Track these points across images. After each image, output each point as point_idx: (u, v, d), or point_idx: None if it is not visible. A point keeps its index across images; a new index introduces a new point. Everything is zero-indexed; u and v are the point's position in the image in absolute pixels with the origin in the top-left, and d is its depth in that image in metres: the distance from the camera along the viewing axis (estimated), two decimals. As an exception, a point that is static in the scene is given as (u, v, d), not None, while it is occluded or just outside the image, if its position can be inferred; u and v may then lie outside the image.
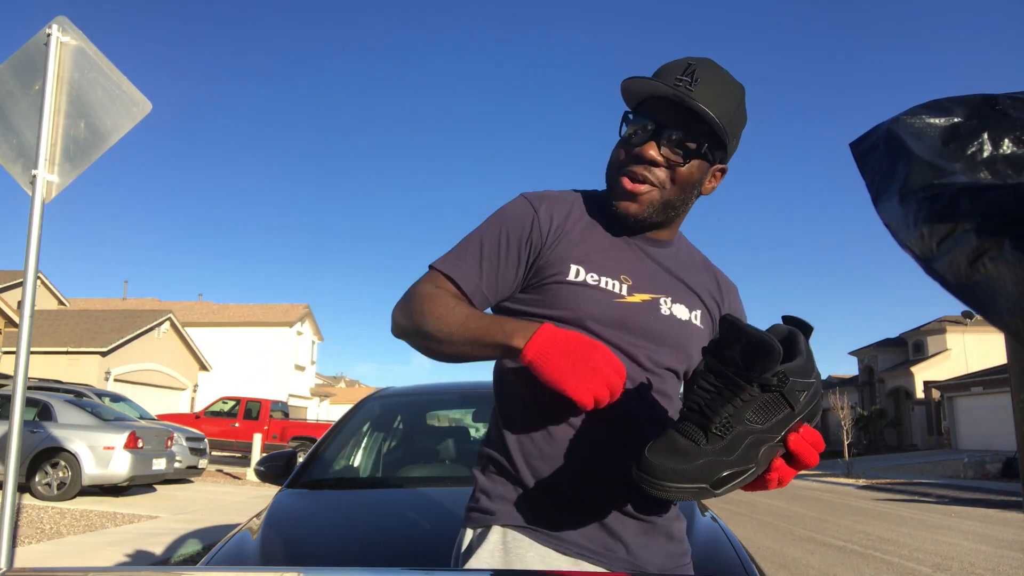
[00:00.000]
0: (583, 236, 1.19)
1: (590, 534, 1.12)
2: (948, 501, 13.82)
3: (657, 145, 1.13)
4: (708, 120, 1.10)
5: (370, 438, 3.30)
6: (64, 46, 3.21)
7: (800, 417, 0.90)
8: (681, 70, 1.11)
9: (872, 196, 0.45)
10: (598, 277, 1.15)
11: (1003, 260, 0.33)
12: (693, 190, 1.19)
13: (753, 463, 0.89)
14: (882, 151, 0.42)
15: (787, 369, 0.86)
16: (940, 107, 0.38)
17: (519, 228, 1.19)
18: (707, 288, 1.27)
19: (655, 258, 1.22)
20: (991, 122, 0.35)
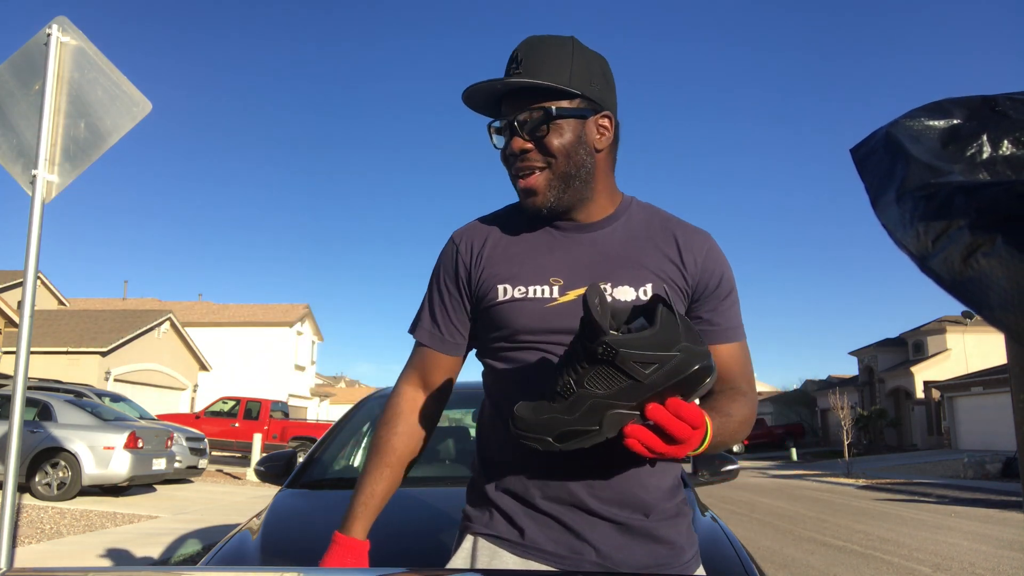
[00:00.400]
0: (507, 253, 1.22)
1: (557, 538, 1.12)
2: (948, 501, 13.82)
3: (519, 137, 1.16)
4: (540, 87, 1.13)
5: (370, 438, 3.30)
6: (64, 46, 3.21)
7: (659, 389, 0.90)
8: (510, 62, 1.17)
9: (871, 198, 0.45)
10: (525, 289, 1.18)
11: (996, 256, 0.33)
12: (577, 151, 1.16)
13: (596, 426, 0.93)
14: (881, 154, 0.42)
15: (612, 341, 0.88)
16: (940, 109, 0.38)
17: (450, 268, 1.27)
18: (662, 256, 1.21)
19: (592, 245, 1.21)
20: (991, 123, 0.35)
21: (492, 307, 1.20)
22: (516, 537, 1.13)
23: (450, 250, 1.28)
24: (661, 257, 1.21)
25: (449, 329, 1.27)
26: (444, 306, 1.27)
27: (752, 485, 17.80)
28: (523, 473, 1.14)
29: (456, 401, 3.96)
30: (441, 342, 1.27)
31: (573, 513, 1.11)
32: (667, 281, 1.19)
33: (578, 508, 1.11)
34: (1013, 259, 0.33)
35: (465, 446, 3.49)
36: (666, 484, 1.18)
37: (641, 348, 0.88)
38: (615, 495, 1.12)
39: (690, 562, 1.19)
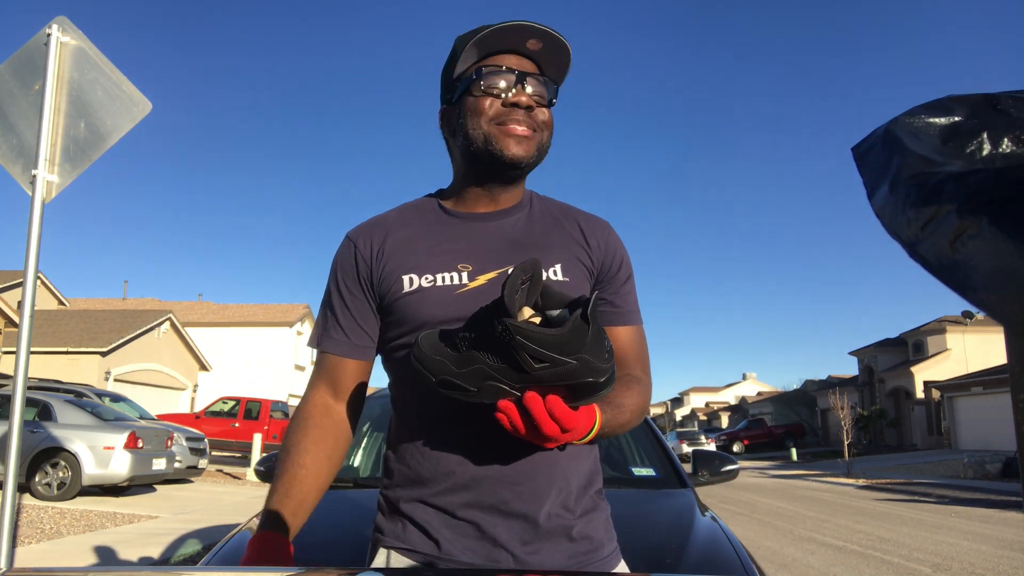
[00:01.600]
0: (410, 246, 1.19)
1: (472, 546, 1.08)
2: (948, 501, 13.81)
3: (523, 90, 1.15)
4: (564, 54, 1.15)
5: (370, 438, 3.30)
6: (64, 46, 3.21)
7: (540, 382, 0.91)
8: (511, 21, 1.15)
9: (867, 192, 0.45)
10: (433, 276, 1.15)
11: (981, 238, 0.34)
12: (551, 135, 1.21)
13: (475, 388, 0.95)
14: (879, 149, 0.42)
15: (511, 326, 0.88)
16: (941, 106, 0.38)
17: (349, 268, 1.22)
18: (568, 236, 1.22)
19: (499, 231, 1.20)
20: (991, 121, 0.35)
21: (397, 300, 1.16)
22: (432, 550, 1.09)
23: (347, 249, 1.23)
24: (568, 239, 1.22)
25: (355, 332, 1.22)
26: (347, 308, 1.22)
27: (752, 485, 17.80)
28: (442, 483, 1.10)
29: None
30: (349, 347, 1.22)
31: (492, 517, 1.08)
32: (574, 261, 1.20)
33: (497, 510, 1.08)
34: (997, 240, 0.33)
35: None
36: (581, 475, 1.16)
37: (538, 344, 0.88)
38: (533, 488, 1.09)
39: (610, 558, 1.16)
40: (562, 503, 1.11)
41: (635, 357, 1.23)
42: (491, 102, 1.15)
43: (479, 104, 1.15)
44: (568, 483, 1.13)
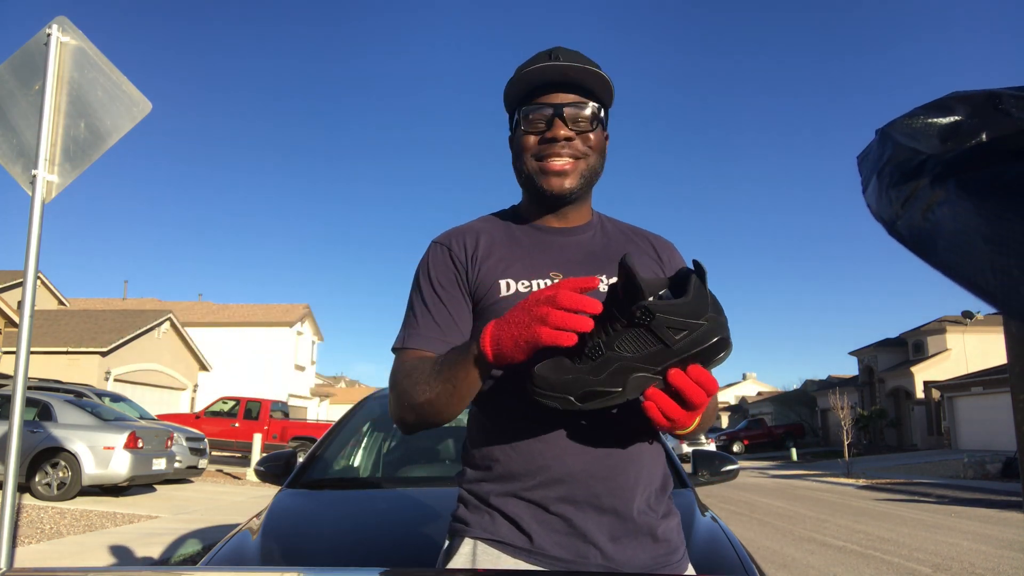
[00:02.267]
0: (501, 253, 1.25)
1: (562, 542, 1.10)
2: (948, 501, 13.81)
3: (563, 123, 1.20)
4: (598, 88, 1.21)
5: (370, 438, 3.30)
6: (64, 46, 3.21)
7: (683, 356, 0.94)
8: (545, 57, 1.22)
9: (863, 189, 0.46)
10: (529, 283, 1.20)
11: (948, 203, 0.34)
12: (602, 156, 1.26)
13: (620, 387, 0.96)
14: (875, 149, 0.43)
15: (651, 305, 0.92)
16: (943, 105, 0.38)
17: (444, 269, 1.25)
18: (644, 253, 1.30)
19: (580, 245, 1.27)
20: (991, 121, 0.35)
21: (495, 304, 1.19)
22: (524, 543, 1.11)
23: (440, 252, 1.27)
24: (642, 255, 1.29)
25: (450, 329, 1.21)
26: (444, 306, 1.22)
27: (752, 485, 17.80)
28: (536, 478, 1.12)
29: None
30: (442, 343, 1.20)
31: (584, 512, 1.11)
32: (653, 275, 1.24)
33: (590, 504, 1.11)
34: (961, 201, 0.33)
35: (465, 446, 3.49)
36: (659, 475, 1.22)
37: (675, 314, 0.92)
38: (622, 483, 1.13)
39: (681, 561, 1.21)
40: (647, 500, 1.17)
41: None
42: (533, 139, 1.23)
43: (523, 142, 1.24)
44: (652, 481, 1.19)
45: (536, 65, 1.20)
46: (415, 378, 1.13)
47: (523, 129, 1.24)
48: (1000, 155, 0.33)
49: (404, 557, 1.90)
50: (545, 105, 1.21)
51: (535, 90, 1.22)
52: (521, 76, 1.22)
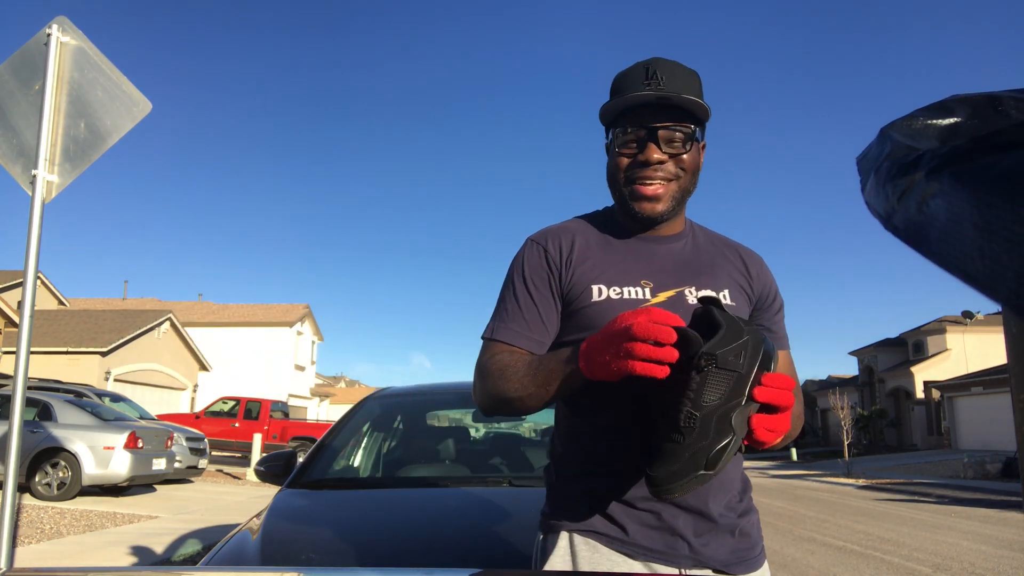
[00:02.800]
0: (596, 257, 1.27)
1: (652, 535, 1.17)
2: (948, 501, 13.81)
3: (657, 146, 1.21)
4: (693, 108, 1.21)
5: (370, 438, 3.30)
6: (64, 46, 3.21)
7: (754, 373, 0.98)
8: (643, 75, 1.21)
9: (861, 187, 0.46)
10: (620, 289, 1.23)
11: (942, 195, 0.35)
12: (697, 173, 1.28)
13: (731, 433, 0.98)
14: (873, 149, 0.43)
15: (709, 348, 0.96)
16: (942, 107, 0.38)
17: (539, 269, 1.29)
18: (732, 266, 1.33)
19: (671, 254, 1.29)
20: (991, 123, 0.35)
21: (586, 307, 1.23)
22: (619, 534, 1.18)
23: (536, 251, 1.30)
24: (732, 267, 1.33)
25: (537, 327, 1.26)
26: (534, 304, 1.27)
27: (752, 485, 17.80)
28: (624, 477, 1.19)
29: (456, 401, 3.99)
30: (527, 340, 1.25)
31: (670, 509, 1.18)
32: (739, 288, 1.30)
33: (674, 504, 1.17)
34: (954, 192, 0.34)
35: (465, 446, 3.49)
36: (739, 480, 1.31)
37: (728, 344, 0.97)
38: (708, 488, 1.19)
39: (760, 556, 1.29)
40: (727, 503, 1.25)
41: (791, 376, 1.32)
42: (624, 162, 1.25)
43: (616, 164, 1.27)
44: (732, 485, 1.27)
45: (633, 94, 1.20)
46: (508, 375, 1.18)
47: (616, 150, 1.26)
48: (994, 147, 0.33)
49: (404, 557, 1.90)
50: (639, 127, 1.23)
51: (628, 108, 1.23)
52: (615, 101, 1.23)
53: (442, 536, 2.03)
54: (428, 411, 3.68)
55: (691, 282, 1.26)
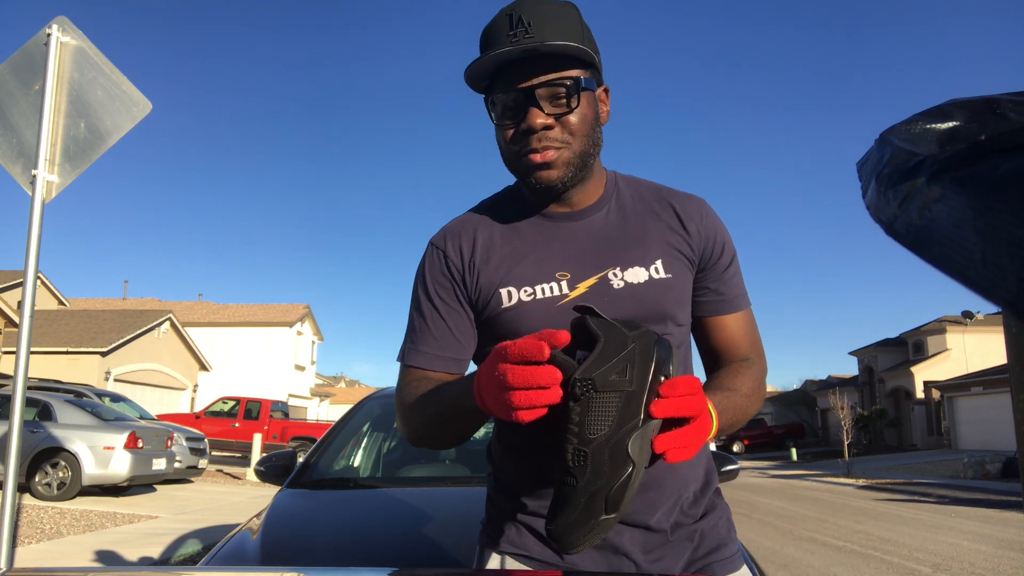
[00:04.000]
0: (502, 253, 1.12)
1: (594, 556, 1.07)
2: (948, 501, 13.81)
3: (538, 110, 1.03)
4: (572, 53, 1.01)
5: (370, 438, 3.30)
6: (64, 46, 3.21)
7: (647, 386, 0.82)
8: (508, 24, 1.01)
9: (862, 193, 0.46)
10: (532, 289, 1.09)
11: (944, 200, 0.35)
12: (595, 127, 1.08)
13: (630, 464, 0.81)
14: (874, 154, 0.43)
15: (583, 372, 0.81)
16: (941, 112, 0.39)
17: (440, 277, 1.14)
18: (665, 225, 1.14)
19: (590, 231, 1.12)
20: (990, 126, 0.35)
21: (497, 315, 1.09)
22: (553, 558, 1.07)
23: (436, 258, 1.15)
24: (664, 228, 1.13)
25: (449, 344, 1.13)
26: (443, 319, 1.13)
27: (752, 485, 17.81)
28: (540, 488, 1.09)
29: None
30: (442, 361, 1.12)
31: (614, 529, 1.04)
32: (675, 253, 1.12)
33: (619, 522, 1.04)
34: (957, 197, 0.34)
35: (464, 446, 3.49)
36: (696, 478, 1.14)
37: (607, 360, 0.82)
38: (654, 497, 1.07)
39: (732, 558, 1.14)
40: (681, 509, 1.11)
41: (747, 342, 1.18)
42: (509, 134, 1.07)
43: (501, 136, 1.09)
44: (687, 487, 1.12)
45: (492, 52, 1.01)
46: (416, 409, 1.06)
47: (496, 123, 1.08)
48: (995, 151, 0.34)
49: (404, 557, 1.90)
50: (513, 90, 1.04)
51: (500, 67, 1.04)
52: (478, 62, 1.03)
53: (441, 536, 2.03)
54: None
55: (614, 262, 1.09)
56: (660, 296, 1.09)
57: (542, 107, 1.03)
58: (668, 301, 1.10)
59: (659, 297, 1.09)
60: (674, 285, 1.10)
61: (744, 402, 1.06)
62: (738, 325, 1.18)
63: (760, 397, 1.11)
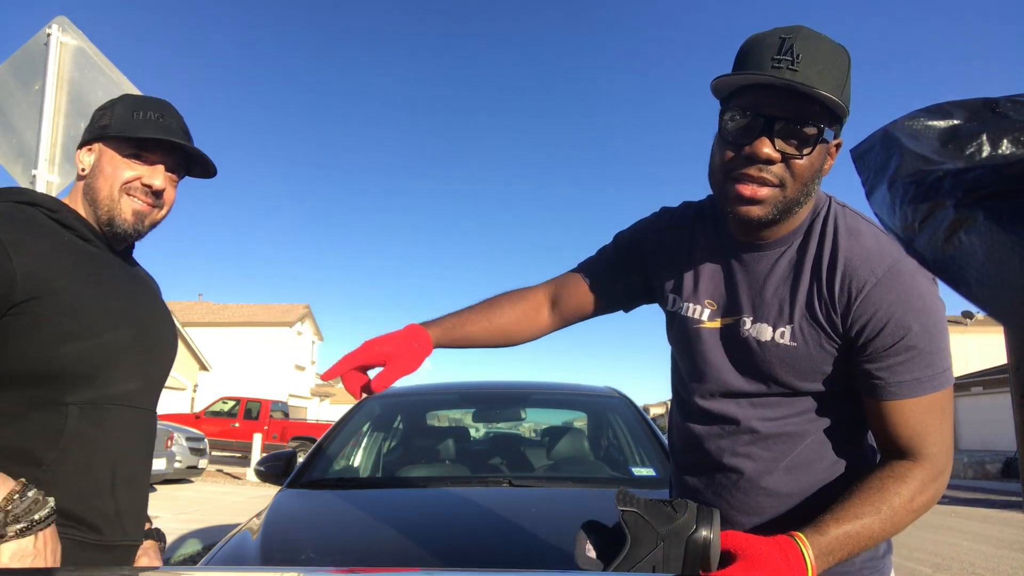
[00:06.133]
0: (680, 259, 1.22)
1: None
2: (948, 501, 13.81)
3: (770, 140, 0.99)
4: (824, 102, 0.96)
5: (370, 438, 3.30)
6: (64, 46, 3.21)
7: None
8: (776, 47, 0.97)
9: (866, 192, 0.46)
10: (684, 304, 1.19)
11: (976, 232, 0.34)
12: (814, 179, 1.03)
13: None
14: (878, 149, 0.43)
15: None
16: (940, 110, 0.38)
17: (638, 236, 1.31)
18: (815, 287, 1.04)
19: (755, 269, 1.10)
20: (990, 124, 0.35)
21: (666, 312, 1.25)
22: None
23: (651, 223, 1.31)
24: (812, 291, 1.05)
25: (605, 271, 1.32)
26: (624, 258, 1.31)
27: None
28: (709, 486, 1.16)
29: (456, 401, 3.98)
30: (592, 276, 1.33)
31: None
32: (811, 321, 1.04)
33: None
34: (993, 234, 0.33)
35: (465, 446, 3.49)
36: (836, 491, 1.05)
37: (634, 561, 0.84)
38: None
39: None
40: None
41: (906, 435, 1.01)
42: (728, 155, 1.03)
43: (719, 152, 1.06)
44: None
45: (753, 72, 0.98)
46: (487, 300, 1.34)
47: (722, 137, 1.05)
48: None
49: (404, 557, 1.90)
50: (751, 111, 1.00)
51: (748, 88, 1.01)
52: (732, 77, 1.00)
53: (442, 536, 2.03)
54: (428, 411, 3.68)
55: (750, 310, 1.09)
56: (773, 361, 1.07)
57: (774, 141, 1.00)
58: (780, 368, 1.07)
59: (771, 362, 1.07)
60: (797, 356, 1.05)
61: (878, 527, 0.96)
62: (898, 415, 1.01)
63: (913, 510, 0.99)
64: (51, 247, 1.20)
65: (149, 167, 1.32)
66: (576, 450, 3.24)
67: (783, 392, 1.08)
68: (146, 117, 1.30)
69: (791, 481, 1.09)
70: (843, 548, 0.93)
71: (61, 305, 1.15)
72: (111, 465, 1.22)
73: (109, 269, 1.31)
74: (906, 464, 1.01)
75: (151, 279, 1.55)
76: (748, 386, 1.11)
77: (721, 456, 1.13)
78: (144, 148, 1.31)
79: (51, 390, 1.15)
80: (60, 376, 1.15)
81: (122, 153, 1.30)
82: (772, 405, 1.10)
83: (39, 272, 1.14)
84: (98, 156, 1.32)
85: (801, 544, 0.91)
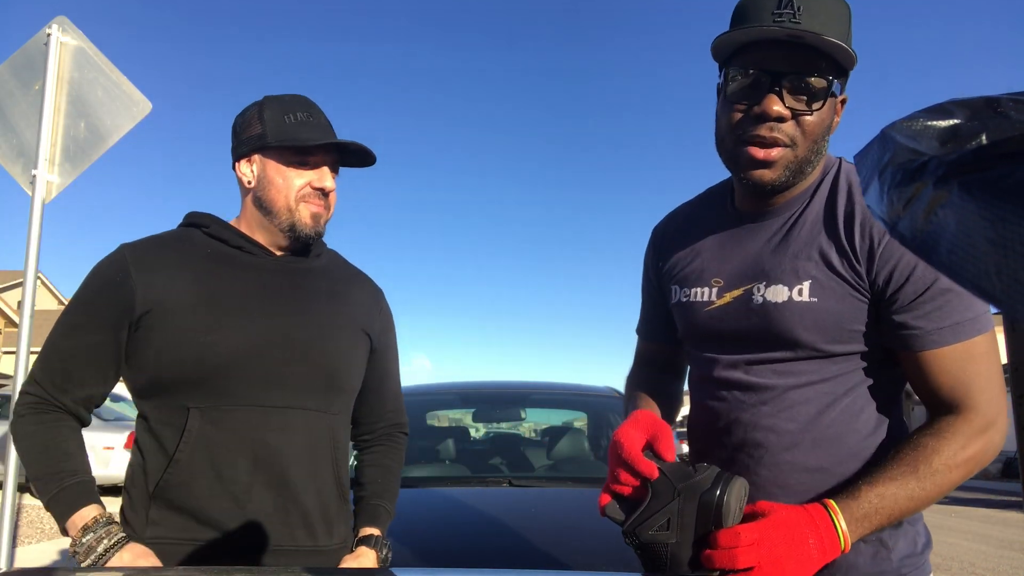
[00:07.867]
0: (681, 249, 1.20)
1: None
2: (948, 501, 13.80)
3: (779, 97, 0.96)
4: (835, 52, 0.94)
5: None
6: (64, 46, 3.21)
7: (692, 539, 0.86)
8: (776, 1, 0.94)
9: (863, 190, 0.46)
10: (689, 291, 1.14)
11: (951, 205, 0.34)
12: (827, 136, 1.01)
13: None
14: (875, 150, 0.43)
15: (629, 527, 0.89)
16: (941, 110, 0.38)
17: (647, 261, 1.30)
18: (833, 239, 1.00)
19: (762, 237, 1.07)
20: (991, 123, 0.35)
21: (672, 306, 1.21)
22: None
23: (650, 245, 1.31)
24: (830, 243, 1.00)
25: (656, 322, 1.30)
26: (648, 295, 1.31)
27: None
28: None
29: (456, 401, 3.99)
30: (649, 331, 1.33)
31: None
32: (831, 274, 0.99)
33: None
34: (964, 203, 0.33)
35: (464, 446, 3.49)
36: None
37: (651, 514, 0.88)
38: None
39: None
40: None
41: (948, 385, 0.96)
42: (736, 116, 1.00)
43: (725, 117, 1.03)
44: None
45: (754, 26, 0.95)
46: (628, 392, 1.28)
47: (726, 98, 1.01)
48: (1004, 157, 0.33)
49: (404, 556, 1.90)
50: (756, 69, 0.97)
51: (751, 45, 0.97)
52: (732, 33, 0.97)
53: (442, 536, 2.03)
54: (428, 411, 3.68)
55: (762, 276, 1.04)
56: (792, 320, 1.01)
57: (783, 97, 0.96)
58: (802, 327, 1.00)
59: (791, 321, 1.01)
60: (818, 310, 0.99)
61: (917, 489, 0.91)
62: (939, 365, 0.96)
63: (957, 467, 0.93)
64: (179, 261, 1.27)
65: (316, 171, 1.32)
66: (576, 450, 3.23)
67: (807, 355, 1.02)
68: (298, 119, 1.30)
69: (820, 455, 1.01)
70: (879, 513, 0.90)
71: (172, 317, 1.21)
72: (248, 467, 1.22)
73: (260, 274, 1.32)
74: (948, 419, 0.96)
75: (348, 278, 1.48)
76: (768, 353, 1.04)
77: (743, 431, 1.05)
78: (307, 152, 1.30)
79: (172, 396, 1.22)
80: (172, 384, 1.21)
81: (286, 162, 1.30)
82: (796, 372, 1.02)
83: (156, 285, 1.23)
84: (261, 167, 1.32)
85: (831, 511, 0.89)
